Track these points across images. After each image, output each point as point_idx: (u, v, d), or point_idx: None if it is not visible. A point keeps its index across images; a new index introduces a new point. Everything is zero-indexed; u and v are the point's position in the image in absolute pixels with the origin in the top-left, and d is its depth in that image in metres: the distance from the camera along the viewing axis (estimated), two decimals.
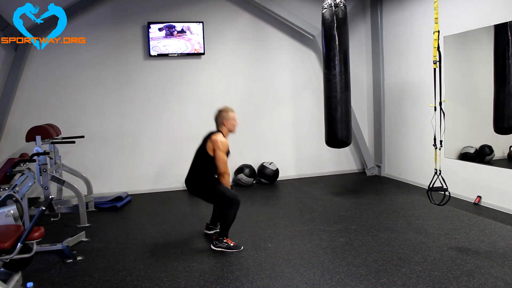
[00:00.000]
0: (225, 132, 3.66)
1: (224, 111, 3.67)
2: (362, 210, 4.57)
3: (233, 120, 3.69)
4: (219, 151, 3.53)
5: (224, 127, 3.66)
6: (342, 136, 5.00)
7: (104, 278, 3.05)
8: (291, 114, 6.47)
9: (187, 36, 5.80)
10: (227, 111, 3.67)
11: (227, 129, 3.67)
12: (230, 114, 3.67)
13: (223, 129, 3.66)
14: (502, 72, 4.31)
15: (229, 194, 3.52)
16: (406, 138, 5.89)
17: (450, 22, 4.71)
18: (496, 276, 2.83)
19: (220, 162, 3.53)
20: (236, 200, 3.52)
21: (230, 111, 3.68)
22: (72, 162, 5.30)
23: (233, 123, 3.69)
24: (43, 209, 2.40)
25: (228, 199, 3.51)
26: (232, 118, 3.68)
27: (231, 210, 3.51)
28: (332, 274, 2.98)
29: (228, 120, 3.65)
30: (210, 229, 3.96)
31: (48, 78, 5.50)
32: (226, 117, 3.65)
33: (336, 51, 4.85)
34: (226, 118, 3.65)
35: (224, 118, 3.65)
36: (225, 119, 3.65)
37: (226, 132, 3.67)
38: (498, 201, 4.38)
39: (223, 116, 3.66)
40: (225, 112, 3.66)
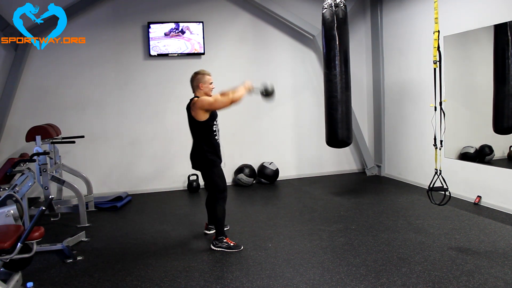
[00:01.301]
0: (200, 95, 3.53)
1: (200, 74, 3.53)
2: (362, 210, 4.57)
3: (210, 84, 3.55)
4: (203, 103, 3.39)
5: (200, 91, 3.52)
6: (342, 136, 4.99)
7: (104, 278, 3.05)
8: (291, 114, 6.47)
9: (187, 36, 5.80)
10: (203, 73, 3.54)
11: (204, 93, 3.52)
12: (206, 77, 3.53)
13: (199, 93, 3.53)
14: (502, 72, 4.32)
15: (220, 185, 3.53)
16: (406, 138, 5.89)
17: (450, 22, 4.72)
18: (496, 276, 2.83)
19: (216, 103, 3.39)
20: (223, 195, 3.55)
21: (207, 74, 3.55)
22: (72, 162, 5.30)
23: (209, 87, 3.54)
24: (43, 209, 2.40)
25: (217, 190, 3.52)
26: (208, 81, 3.53)
27: (218, 206, 3.53)
28: (332, 274, 2.98)
29: (204, 83, 3.51)
30: (209, 229, 3.96)
31: (48, 78, 5.50)
32: (202, 79, 3.51)
33: (336, 51, 4.85)
34: (202, 81, 3.51)
35: (200, 81, 3.51)
36: (201, 82, 3.51)
37: (202, 95, 3.53)
38: (498, 201, 4.38)
39: (199, 79, 3.51)
40: (201, 75, 3.53)
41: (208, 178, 3.59)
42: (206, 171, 3.57)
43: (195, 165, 3.64)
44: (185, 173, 5.86)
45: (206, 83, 3.53)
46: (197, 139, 3.57)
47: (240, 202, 5.27)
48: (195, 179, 5.82)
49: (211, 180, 3.58)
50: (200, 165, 3.59)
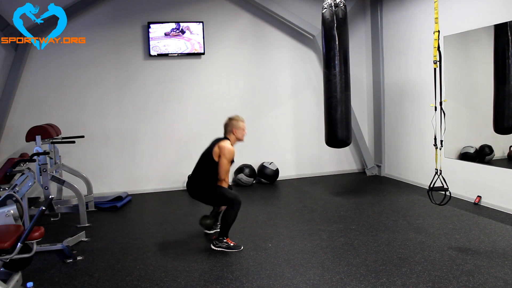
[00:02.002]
0: (232, 140, 3.67)
1: (235, 120, 3.69)
2: (362, 210, 4.57)
3: (243, 130, 3.71)
4: (224, 158, 3.53)
5: (232, 135, 3.67)
6: (342, 136, 4.99)
7: (104, 278, 3.05)
8: (291, 114, 6.47)
9: (187, 36, 5.80)
10: (237, 120, 3.70)
11: (235, 138, 3.68)
12: (240, 123, 3.69)
13: (231, 137, 3.67)
14: (502, 72, 4.32)
15: (229, 195, 3.53)
16: (406, 138, 5.89)
17: (450, 22, 4.71)
18: (496, 276, 2.83)
19: (222, 169, 3.55)
20: (237, 201, 3.53)
21: (241, 121, 3.71)
22: (72, 162, 5.30)
23: (242, 133, 3.70)
24: (43, 209, 2.40)
25: (229, 200, 3.52)
26: (242, 128, 3.70)
27: (232, 210, 3.52)
28: (332, 274, 2.98)
29: (238, 129, 3.67)
30: (210, 229, 3.95)
31: (48, 78, 5.50)
32: (236, 126, 3.67)
33: (336, 51, 4.85)
34: (236, 127, 3.66)
35: (234, 127, 3.67)
36: (235, 128, 3.66)
37: (233, 140, 3.68)
38: (498, 201, 4.38)
39: (233, 125, 3.67)
40: (235, 121, 3.69)
41: (213, 199, 3.65)
42: (210, 194, 3.62)
43: (194, 194, 3.70)
44: (185, 173, 5.80)
45: (239, 129, 3.69)
46: (203, 172, 3.65)
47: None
48: None
49: (217, 198, 3.60)
50: (201, 192, 3.65)
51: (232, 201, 3.52)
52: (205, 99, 6.06)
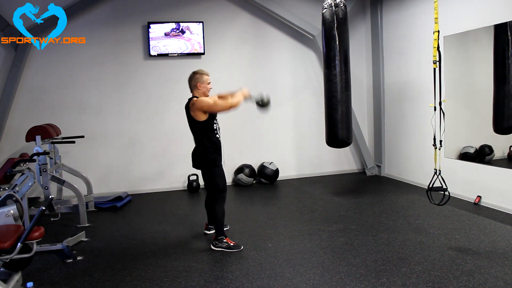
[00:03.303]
0: (199, 95, 3.52)
1: (199, 73, 3.52)
2: (362, 210, 4.57)
3: (207, 84, 3.53)
4: (202, 104, 3.38)
5: (198, 91, 3.51)
6: (342, 136, 4.99)
7: (104, 278, 3.05)
8: (291, 114, 6.47)
9: (187, 36, 5.80)
10: (201, 73, 3.52)
11: (201, 93, 3.51)
12: (204, 77, 3.51)
13: (198, 93, 3.52)
14: (502, 72, 4.31)
15: (220, 185, 3.53)
16: (406, 138, 5.89)
17: (450, 22, 4.71)
18: (496, 276, 2.83)
19: (214, 106, 3.40)
20: (222, 195, 3.54)
21: (205, 74, 3.53)
22: (72, 162, 5.30)
23: (207, 87, 3.53)
24: (43, 209, 2.40)
25: (216, 189, 3.52)
26: (206, 81, 3.52)
27: (217, 206, 3.53)
28: (332, 274, 2.98)
29: (203, 83, 3.50)
30: (209, 229, 3.96)
31: (48, 78, 5.50)
32: (200, 79, 3.49)
33: (336, 51, 4.85)
34: (200, 81, 3.49)
35: (198, 81, 3.49)
36: (199, 82, 3.49)
37: (200, 95, 3.52)
38: (498, 201, 4.38)
39: (197, 79, 3.50)
40: (199, 75, 3.51)
41: (209, 177, 3.59)
42: (207, 170, 3.57)
43: (196, 164, 3.63)
44: (185, 173, 5.86)
45: (204, 83, 3.52)
46: (198, 138, 3.56)
47: (240, 202, 5.27)
48: (195, 179, 5.82)
49: (211, 180, 3.58)
50: (201, 164, 3.58)
51: (218, 193, 3.52)
52: None
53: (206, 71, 3.58)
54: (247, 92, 3.60)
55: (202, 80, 3.51)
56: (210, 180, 3.59)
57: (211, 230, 3.94)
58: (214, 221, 3.58)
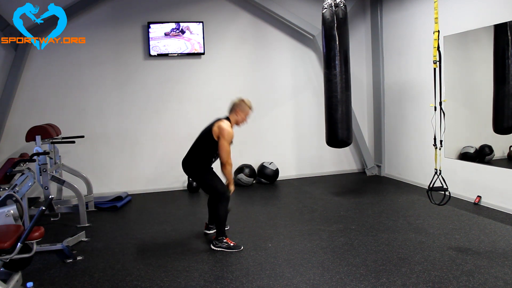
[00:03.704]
0: (232, 121, 3.60)
1: (244, 102, 3.61)
2: (362, 210, 4.57)
3: (245, 116, 3.62)
4: (224, 140, 3.46)
5: (234, 116, 3.60)
6: (342, 136, 4.99)
7: (104, 278, 3.05)
8: (291, 114, 6.47)
9: (187, 36, 5.80)
10: (247, 104, 3.61)
11: (235, 119, 3.60)
12: (247, 108, 3.61)
13: (232, 117, 3.60)
14: (502, 72, 4.31)
15: (220, 188, 3.57)
16: (406, 138, 5.89)
17: (450, 22, 4.72)
18: (496, 276, 2.83)
19: (223, 151, 3.48)
20: (225, 196, 3.57)
21: (249, 107, 3.62)
22: (72, 162, 5.30)
23: (243, 118, 3.62)
24: (43, 209, 2.40)
25: (218, 193, 3.56)
26: (246, 113, 3.61)
27: (221, 205, 3.55)
28: (332, 274, 2.98)
29: (242, 112, 3.59)
30: (209, 229, 3.96)
31: (48, 78, 5.50)
32: (242, 108, 3.59)
33: (336, 51, 4.85)
34: (242, 109, 3.59)
35: (240, 108, 3.59)
36: (240, 109, 3.59)
37: (233, 122, 3.60)
38: (498, 201, 4.38)
39: (241, 106, 3.59)
40: (244, 104, 3.60)
41: (204, 183, 3.68)
42: (199, 178, 3.67)
43: (188, 172, 3.72)
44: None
45: (243, 112, 3.61)
46: (200, 149, 3.63)
47: (240, 202, 5.27)
48: None
49: (207, 185, 3.65)
50: (190, 171, 3.67)
51: (221, 195, 3.56)
52: (205, 99, 6.06)
53: (252, 106, 3.66)
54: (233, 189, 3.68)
55: (244, 110, 3.61)
56: (207, 185, 3.67)
57: (211, 230, 3.94)
58: (216, 221, 3.59)
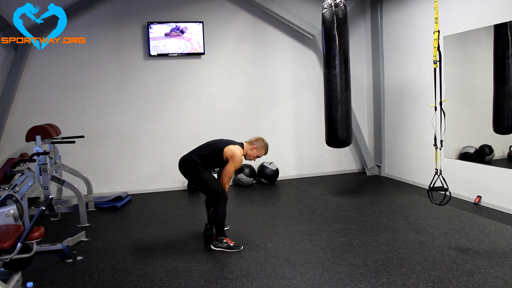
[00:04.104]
0: (245, 150, 3.71)
1: (264, 144, 3.75)
2: (362, 210, 4.57)
3: (256, 154, 3.75)
4: (232, 165, 3.58)
5: (248, 147, 3.72)
6: (342, 136, 5.00)
7: (104, 278, 3.05)
8: (291, 114, 6.47)
9: (187, 36, 5.80)
10: (264, 147, 3.76)
11: (247, 151, 3.72)
12: (262, 150, 3.75)
13: (246, 147, 3.72)
14: (502, 72, 4.32)
15: (218, 188, 3.58)
16: (406, 138, 5.89)
17: (450, 22, 4.72)
18: (496, 276, 2.83)
19: (227, 175, 3.61)
20: (223, 196, 3.57)
21: (265, 151, 3.77)
22: (72, 162, 5.30)
23: (255, 155, 3.74)
24: (43, 209, 2.40)
25: (216, 193, 3.57)
26: (258, 154, 3.75)
27: (220, 206, 3.55)
28: (332, 274, 2.98)
29: (258, 150, 3.73)
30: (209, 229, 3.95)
31: (48, 78, 5.50)
32: (259, 147, 3.73)
33: (336, 51, 4.85)
34: (259, 148, 3.73)
35: (257, 146, 3.73)
36: (256, 147, 3.73)
37: (245, 151, 3.72)
38: (498, 201, 4.38)
39: (259, 145, 3.73)
40: (263, 145, 3.75)
41: (200, 184, 3.66)
42: (195, 178, 3.65)
43: (185, 172, 3.70)
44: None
45: (257, 150, 3.73)
46: (202, 157, 3.62)
47: (240, 202, 5.27)
48: None
49: (204, 185, 3.63)
50: (187, 170, 3.66)
51: (219, 195, 3.56)
52: (205, 99, 6.06)
53: (267, 150, 3.81)
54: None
55: (260, 150, 3.75)
56: (203, 186, 3.65)
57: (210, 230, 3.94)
58: (215, 221, 3.58)
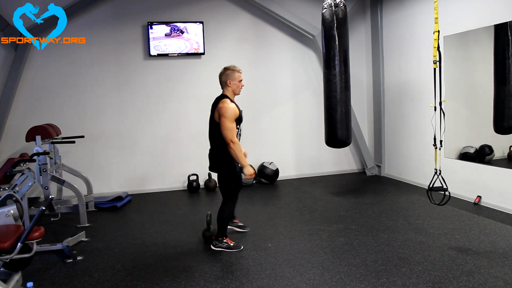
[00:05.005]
0: (230, 95, 3.38)
1: (230, 69, 3.36)
2: (362, 210, 4.57)
3: (239, 81, 3.38)
4: (224, 118, 3.23)
5: (228, 88, 3.38)
6: (342, 136, 5.00)
7: (104, 278, 3.05)
8: (291, 114, 6.47)
9: (187, 36, 5.80)
10: (233, 69, 3.36)
11: (232, 91, 3.38)
12: (236, 74, 3.36)
13: (228, 90, 3.39)
14: (502, 72, 4.31)
15: (233, 190, 3.50)
16: (406, 138, 5.89)
17: (450, 22, 4.71)
18: (496, 276, 2.83)
19: (225, 129, 3.23)
20: (234, 200, 3.54)
21: (237, 71, 3.37)
22: (72, 162, 5.30)
23: (237, 84, 3.38)
24: (43, 209, 2.40)
25: (228, 193, 3.50)
26: (238, 78, 3.37)
27: (226, 207, 3.51)
28: (332, 274, 2.98)
29: (233, 80, 3.35)
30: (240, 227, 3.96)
31: (48, 78, 5.50)
32: (231, 76, 3.35)
33: (336, 51, 4.85)
34: (231, 78, 3.35)
35: (228, 77, 3.35)
36: (229, 79, 3.35)
37: (231, 94, 3.38)
38: (498, 201, 4.38)
39: (228, 75, 3.35)
40: (230, 71, 3.36)
41: (223, 181, 3.52)
42: (222, 175, 3.50)
43: (212, 167, 3.54)
44: (185, 173, 5.86)
45: (235, 79, 3.37)
46: (215, 141, 3.43)
47: (240, 202, 5.23)
48: (195, 179, 5.81)
49: (225, 184, 3.50)
50: (216, 168, 3.50)
51: (229, 197, 3.51)
52: (205, 99, 5.98)
53: (238, 68, 3.41)
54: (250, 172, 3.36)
55: (233, 77, 3.37)
56: (224, 185, 3.51)
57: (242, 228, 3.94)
58: (219, 221, 3.52)
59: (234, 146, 3.24)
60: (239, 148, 3.28)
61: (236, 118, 3.30)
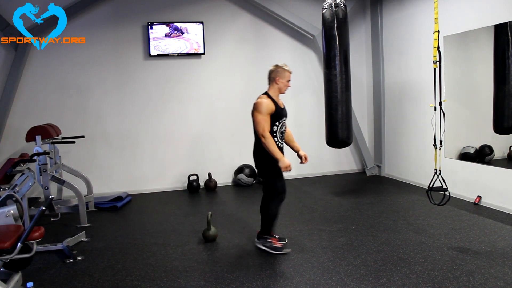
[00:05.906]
0: (274, 91, 3.40)
1: (281, 67, 3.39)
2: (362, 210, 4.57)
3: (287, 81, 3.40)
4: (256, 112, 3.27)
5: (274, 85, 3.39)
6: (342, 136, 4.99)
7: (104, 278, 3.05)
8: (291, 114, 6.37)
9: (187, 36, 5.80)
10: (284, 69, 3.39)
11: (277, 88, 3.40)
12: (286, 73, 3.38)
13: (273, 87, 3.40)
14: (502, 72, 4.31)
15: (278, 186, 3.41)
16: (406, 138, 5.89)
17: (450, 22, 4.72)
18: (496, 276, 2.83)
19: (256, 123, 3.27)
20: (280, 196, 3.43)
21: (287, 71, 3.39)
22: (72, 162, 5.30)
23: (285, 83, 3.39)
24: (43, 209, 2.40)
25: (274, 190, 3.41)
26: (287, 78, 3.39)
27: (272, 204, 3.40)
28: (332, 274, 2.98)
29: (282, 79, 3.36)
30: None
31: (48, 78, 5.50)
32: (281, 74, 3.36)
33: (336, 51, 4.85)
34: (281, 76, 3.36)
35: (278, 75, 3.36)
36: (279, 76, 3.36)
37: (275, 91, 3.40)
38: (498, 201, 4.38)
39: (278, 72, 3.37)
40: (281, 69, 3.38)
41: (266, 179, 3.47)
42: (263, 172, 3.47)
43: (255, 163, 3.51)
44: (185, 173, 5.86)
45: (284, 78, 3.38)
46: (256, 138, 3.41)
47: (240, 202, 5.27)
48: (195, 179, 5.81)
49: (268, 181, 3.45)
50: (258, 164, 3.48)
51: (276, 194, 3.40)
52: (205, 99, 6.06)
53: (289, 68, 3.43)
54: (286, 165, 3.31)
55: (283, 75, 3.38)
56: (267, 182, 3.46)
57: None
58: (265, 218, 3.45)
59: (265, 140, 3.26)
60: (271, 141, 3.27)
61: (271, 113, 3.31)
